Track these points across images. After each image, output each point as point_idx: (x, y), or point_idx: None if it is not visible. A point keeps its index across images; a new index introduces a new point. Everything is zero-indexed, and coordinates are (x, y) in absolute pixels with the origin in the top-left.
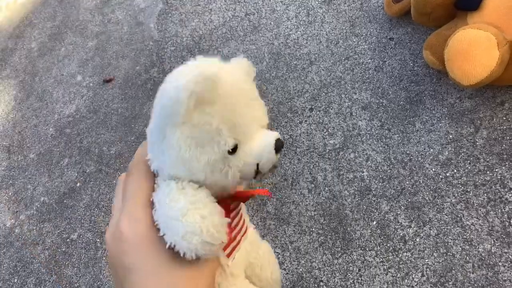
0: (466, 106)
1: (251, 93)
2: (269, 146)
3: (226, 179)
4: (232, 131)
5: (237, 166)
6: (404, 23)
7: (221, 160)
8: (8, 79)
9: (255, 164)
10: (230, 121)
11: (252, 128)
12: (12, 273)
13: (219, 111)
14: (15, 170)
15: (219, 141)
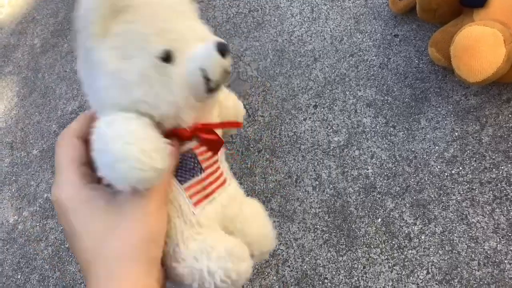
0: (471, 104)
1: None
2: (211, 47)
3: (170, 93)
4: (162, 37)
5: (178, 74)
6: (409, 20)
7: (156, 69)
8: (11, 76)
9: (200, 70)
10: (156, 26)
11: (188, 36)
12: (15, 270)
13: (142, 17)
14: (18, 166)
15: (147, 47)
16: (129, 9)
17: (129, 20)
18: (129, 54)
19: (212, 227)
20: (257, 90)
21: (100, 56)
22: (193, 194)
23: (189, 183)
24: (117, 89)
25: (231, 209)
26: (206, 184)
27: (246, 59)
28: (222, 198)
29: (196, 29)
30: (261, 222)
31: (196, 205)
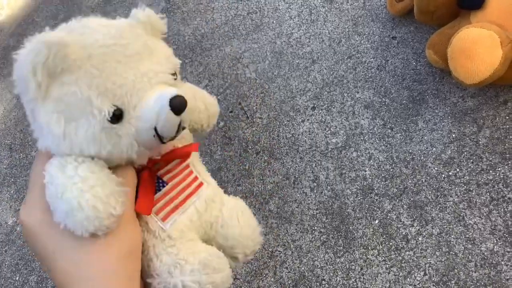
0: (469, 105)
1: (133, 48)
2: (163, 106)
3: (122, 151)
4: (107, 97)
5: (129, 135)
6: (407, 22)
7: (105, 131)
8: (10, 77)
9: (151, 129)
10: (100, 86)
11: (139, 89)
12: (14, 271)
13: (83, 78)
14: (17, 168)
15: (92, 111)
16: (69, 68)
17: (69, 81)
18: (74, 117)
19: (186, 237)
20: (255, 92)
21: (43, 120)
22: (159, 209)
23: None
24: (66, 147)
25: (209, 213)
26: (173, 195)
27: (244, 61)
28: (197, 205)
29: (150, 73)
30: (243, 223)
31: (165, 219)
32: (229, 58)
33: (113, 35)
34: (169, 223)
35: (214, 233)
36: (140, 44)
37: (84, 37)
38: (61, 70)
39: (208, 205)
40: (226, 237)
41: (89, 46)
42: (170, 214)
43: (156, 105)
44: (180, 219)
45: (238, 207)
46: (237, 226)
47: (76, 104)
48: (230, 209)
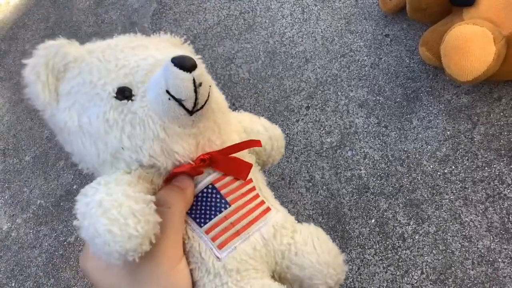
0: (463, 102)
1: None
2: (167, 65)
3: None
4: (110, 77)
5: (143, 107)
6: (400, 20)
7: (116, 111)
8: (2, 82)
9: (162, 93)
10: (101, 70)
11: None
12: (9, 277)
13: (86, 67)
14: (10, 173)
15: (97, 92)
16: (71, 65)
17: (73, 75)
18: (84, 107)
19: (247, 270)
20: (249, 92)
21: (61, 121)
22: (217, 234)
23: (211, 223)
24: (91, 145)
25: (279, 241)
26: (234, 219)
27: (237, 61)
28: (263, 231)
29: (154, 56)
30: (321, 249)
31: (222, 246)
32: (222, 58)
33: (120, 39)
34: (226, 251)
35: (288, 263)
36: (148, 40)
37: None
38: (64, 68)
39: (277, 231)
40: (302, 266)
41: (90, 46)
42: (229, 241)
43: (160, 69)
44: (242, 247)
45: (313, 233)
46: (313, 252)
47: (82, 92)
48: (304, 235)
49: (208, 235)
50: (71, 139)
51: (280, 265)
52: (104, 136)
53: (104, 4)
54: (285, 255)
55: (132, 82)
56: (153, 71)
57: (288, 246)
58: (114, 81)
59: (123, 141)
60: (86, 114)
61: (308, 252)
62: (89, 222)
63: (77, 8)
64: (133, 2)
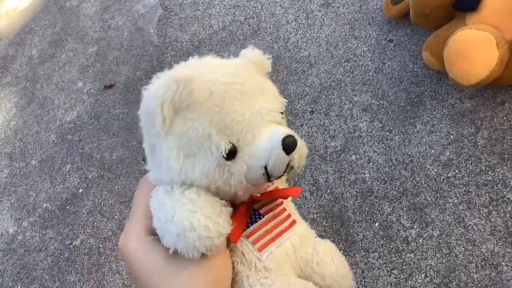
0: (466, 107)
1: (249, 86)
2: (276, 145)
3: (231, 187)
4: (225, 134)
5: (240, 172)
6: (403, 25)
7: (219, 168)
8: (9, 87)
9: (261, 167)
10: (220, 123)
11: (253, 126)
12: (15, 280)
13: (204, 114)
14: (17, 177)
15: (210, 147)
16: (193, 104)
17: (192, 117)
18: (192, 152)
19: (281, 271)
20: None
21: (164, 154)
22: (256, 239)
23: (250, 229)
24: (179, 181)
25: (305, 250)
26: (269, 228)
27: None
28: (292, 240)
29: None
30: (339, 262)
31: (261, 249)
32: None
33: (231, 73)
34: (265, 254)
35: (310, 271)
36: (254, 82)
37: (206, 75)
38: (186, 106)
39: (303, 241)
40: (323, 276)
41: (210, 84)
42: (266, 245)
43: (269, 144)
44: (277, 251)
45: (330, 247)
46: (332, 264)
47: (196, 140)
48: (324, 248)
49: (248, 239)
50: (164, 171)
51: (303, 272)
52: (196, 180)
53: (110, 10)
54: (309, 264)
55: (241, 142)
56: (259, 133)
57: (311, 256)
58: (228, 137)
59: (209, 189)
60: (191, 161)
61: (328, 264)
62: (183, 217)
63: (83, 14)
64: (139, 8)
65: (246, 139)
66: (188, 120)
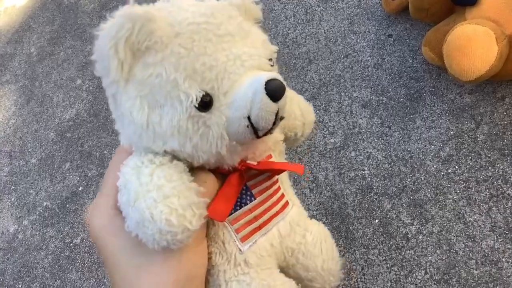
0: (466, 102)
1: (225, 28)
2: (258, 90)
3: (210, 145)
4: (195, 80)
5: (219, 125)
6: (403, 20)
7: (191, 120)
8: (8, 85)
9: (243, 118)
10: (188, 67)
11: (230, 72)
12: (16, 279)
13: (170, 58)
14: (17, 175)
15: (179, 95)
16: (155, 46)
17: (154, 61)
18: (158, 102)
19: (263, 266)
20: None
21: (125, 106)
22: (241, 226)
23: (236, 214)
24: (148, 140)
25: (292, 239)
26: (258, 213)
27: None
28: (280, 227)
29: (244, 56)
30: (327, 254)
31: (244, 239)
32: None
33: (203, 13)
34: (248, 244)
35: (294, 262)
36: (233, 25)
37: (172, 15)
38: (145, 48)
39: (292, 228)
40: (307, 268)
41: (177, 24)
42: (251, 235)
43: (249, 90)
44: (260, 241)
45: (322, 235)
46: (319, 257)
47: (161, 87)
48: (314, 236)
49: (233, 226)
50: (127, 123)
51: (286, 261)
52: (166, 137)
53: (109, 7)
54: (294, 253)
55: (216, 90)
56: (238, 81)
57: (299, 246)
58: (199, 85)
59: (184, 147)
60: (158, 112)
61: (315, 255)
62: (145, 205)
63: (82, 10)
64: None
65: (222, 86)
66: (150, 65)
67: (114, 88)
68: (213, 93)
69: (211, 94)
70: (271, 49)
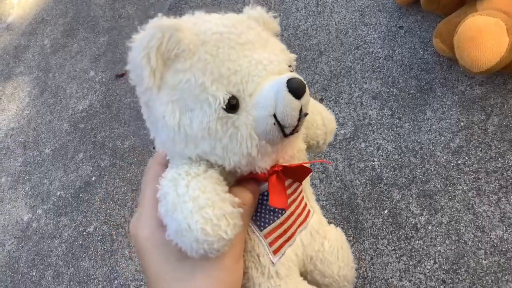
0: (476, 93)
1: (246, 37)
2: (281, 89)
3: (240, 145)
4: (221, 83)
5: (246, 125)
6: (414, 11)
7: (220, 121)
8: (22, 76)
9: (269, 116)
10: (214, 72)
11: (254, 76)
12: (30, 267)
13: (197, 64)
14: (31, 165)
15: (207, 98)
16: (183, 54)
17: (183, 68)
18: (188, 106)
19: (290, 276)
20: None
21: (158, 111)
22: (273, 240)
23: (269, 228)
24: (181, 143)
25: (312, 247)
26: (288, 225)
27: None
28: (303, 236)
29: (265, 61)
30: (343, 261)
31: (276, 252)
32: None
33: (225, 24)
34: (278, 256)
35: (312, 268)
36: (253, 34)
37: (197, 26)
38: (175, 56)
39: (312, 237)
40: (323, 274)
41: (202, 33)
42: (281, 247)
43: (273, 89)
44: (288, 252)
45: (339, 240)
46: (336, 263)
47: (191, 92)
48: (331, 244)
49: (266, 239)
50: (162, 130)
51: (305, 267)
52: (197, 140)
53: None
54: (312, 260)
55: (242, 93)
56: (262, 84)
57: (317, 253)
58: (225, 88)
59: (215, 149)
60: (189, 115)
61: (331, 262)
62: (182, 215)
63: (94, 3)
64: None
65: (247, 89)
66: (179, 72)
67: (148, 95)
68: (239, 96)
69: (237, 96)
70: (290, 56)
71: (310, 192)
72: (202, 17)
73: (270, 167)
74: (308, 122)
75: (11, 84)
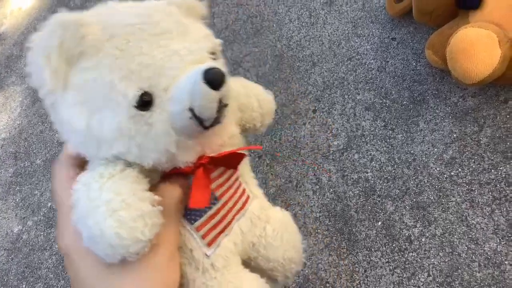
0: (469, 105)
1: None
2: (197, 80)
3: (156, 143)
4: (131, 80)
5: (162, 122)
6: (406, 23)
7: (133, 120)
8: (14, 86)
9: (185, 110)
10: (122, 68)
11: (169, 68)
12: (20, 279)
13: (105, 59)
14: (22, 176)
15: (116, 96)
16: (88, 51)
17: (89, 66)
18: (97, 107)
19: (228, 267)
20: None
21: (65, 115)
22: (206, 232)
23: (201, 220)
24: (93, 146)
25: (253, 233)
26: (221, 215)
27: (245, 65)
28: (241, 224)
29: (183, 51)
30: (287, 243)
31: (210, 244)
32: (230, 62)
33: (139, 14)
34: (213, 248)
35: (256, 254)
36: (171, 22)
37: (106, 18)
38: (79, 54)
39: (252, 223)
40: (268, 259)
41: (110, 27)
42: (216, 238)
43: (189, 81)
44: (224, 242)
45: (283, 223)
46: (280, 247)
47: (98, 91)
48: (274, 227)
49: (198, 232)
50: (70, 133)
51: (248, 254)
52: (110, 142)
53: None
54: (255, 247)
55: (155, 88)
56: (179, 76)
57: (259, 239)
58: (136, 84)
59: (130, 149)
60: (98, 117)
61: (275, 246)
62: (94, 221)
63: None
64: None
65: (160, 83)
66: (85, 70)
67: (52, 98)
68: (153, 91)
69: (151, 92)
70: (214, 42)
71: (250, 177)
72: (115, 6)
73: (196, 159)
74: (243, 105)
75: (3, 94)
